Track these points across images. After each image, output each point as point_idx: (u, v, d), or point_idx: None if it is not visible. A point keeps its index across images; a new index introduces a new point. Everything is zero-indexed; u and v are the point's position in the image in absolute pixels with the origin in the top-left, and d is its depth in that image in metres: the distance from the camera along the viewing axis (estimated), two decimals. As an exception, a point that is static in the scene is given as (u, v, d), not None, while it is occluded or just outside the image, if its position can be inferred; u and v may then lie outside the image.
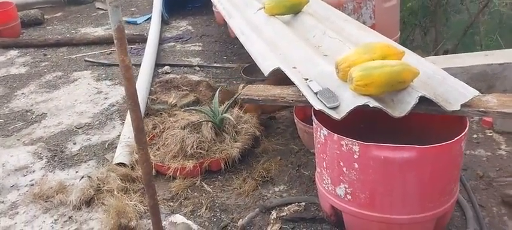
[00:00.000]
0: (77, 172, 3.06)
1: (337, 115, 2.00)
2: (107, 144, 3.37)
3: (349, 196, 2.09)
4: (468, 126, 2.03)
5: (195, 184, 2.79)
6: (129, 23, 6.77)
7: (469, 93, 2.07)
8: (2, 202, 2.81)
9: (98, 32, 6.36)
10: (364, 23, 3.80)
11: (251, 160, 3.01)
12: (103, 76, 4.72)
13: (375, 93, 2.00)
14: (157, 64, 4.81)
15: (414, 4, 7.13)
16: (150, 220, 2.13)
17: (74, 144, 3.43)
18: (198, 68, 4.77)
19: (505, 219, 2.35)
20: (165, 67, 4.77)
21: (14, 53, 5.69)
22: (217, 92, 3.28)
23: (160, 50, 5.39)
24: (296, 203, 2.52)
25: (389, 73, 1.97)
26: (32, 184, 2.95)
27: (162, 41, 5.73)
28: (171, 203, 2.64)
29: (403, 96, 2.02)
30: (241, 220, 2.46)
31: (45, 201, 2.75)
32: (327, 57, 2.65)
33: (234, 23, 3.85)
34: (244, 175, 2.84)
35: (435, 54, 6.00)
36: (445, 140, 1.92)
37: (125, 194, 2.67)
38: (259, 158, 3.02)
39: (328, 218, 2.33)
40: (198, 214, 2.55)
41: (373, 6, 4.04)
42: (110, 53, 5.43)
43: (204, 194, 2.72)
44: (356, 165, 1.99)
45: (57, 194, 2.77)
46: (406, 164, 1.92)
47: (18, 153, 3.34)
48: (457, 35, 6.89)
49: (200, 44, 5.63)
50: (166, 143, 2.97)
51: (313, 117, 2.17)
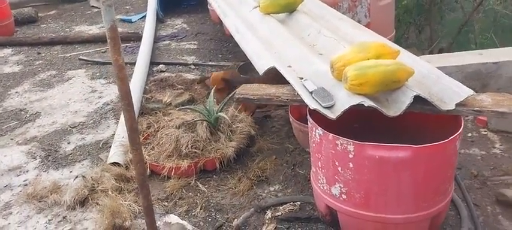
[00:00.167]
0: (71, 171, 3.04)
1: (332, 114, 1.99)
2: (101, 143, 3.35)
3: (344, 196, 2.08)
4: (463, 125, 2.03)
5: (190, 183, 2.78)
6: (123, 21, 6.74)
7: (464, 92, 2.08)
8: (-4, 203, 2.79)
9: (93, 30, 6.33)
10: (359, 21, 3.80)
11: (246, 159, 3.00)
12: (97, 74, 4.70)
13: (370, 92, 2.00)
14: (152, 63, 4.79)
15: (409, 2, 7.13)
16: (144, 220, 2.11)
17: (68, 143, 3.41)
18: (193, 66, 4.75)
19: (499, 218, 2.35)
20: (160, 65, 4.76)
21: (7, 51, 5.66)
22: (212, 91, 3.27)
23: (155, 48, 5.37)
24: (291, 203, 2.52)
25: (383, 72, 1.97)
26: (26, 184, 2.93)
27: (157, 39, 5.71)
28: (166, 203, 2.63)
29: (398, 95, 2.02)
30: (236, 219, 2.45)
31: (39, 201, 2.73)
32: (322, 55, 2.64)
33: (229, 22, 3.84)
34: (239, 174, 2.84)
35: (430, 52, 6.01)
36: (440, 139, 1.92)
37: (119, 194, 2.66)
38: (255, 157, 3.01)
39: (323, 217, 2.33)
40: (193, 214, 2.54)
41: (368, 5, 4.04)
42: (105, 51, 5.40)
43: (198, 194, 2.71)
44: (351, 165, 1.98)
45: (51, 194, 2.76)
46: (400, 164, 1.91)
47: (12, 152, 3.31)
48: (451, 33, 6.91)
49: (195, 42, 5.61)
50: (161, 142, 2.96)
51: (308, 116, 2.16)
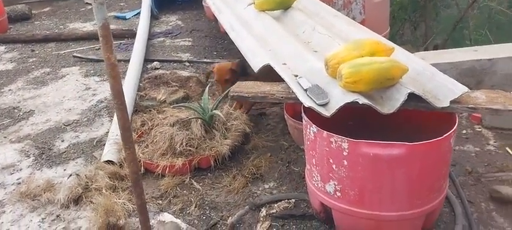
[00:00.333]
0: (65, 170, 3.02)
1: (327, 112, 1.99)
2: (95, 141, 3.33)
3: (338, 193, 2.08)
4: (457, 122, 2.03)
5: (185, 181, 2.77)
6: (118, 18, 6.71)
7: (458, 89, 2.08)
8: (-11, 201, 2.77)
9: (87, 27, 6.29)
10: (354, 18, 3.79)
11: (241, 157, 2.99)
12: (91, 72, 4.67)
13: (364, 89, 2.00)
14: (147, 60, 4.77)
15: (404, -1, 7.15)
16: (138, 218, 2.10)
17: (62, 141, 3.39)
18: (187, 64, 4.73)
19: (493, 214, 2.36)
20: (154, 62, 4.74)
21: (1, 48, 5.62)
22: (207, 88, 3.25)
23: (150, 45, 5.35)
24: (286, 200, 2.52)
25: (377, 70, 1.97)
26: (19, 183, 2.91)
27: (151, 36, 5.69)
28: (160, 202, 2.62)
29: (392, 92, 2.02)
30: (230, 217, 2.44)
31: (33, 200, 2.71)
32: (316, 53, 2.64)
33: (223, 19, 3.82)
34: (234, 172, 2.83)
35: (425, 49, 6.02)
36: (435, 136, 1.92)
37: (113, 192, 2.65)
38: (249, 155, 3.00)
39: (317, 215, 2.33)
40: (187, 212, 2.53)
41: (363, 2, 4.04)
42: (99, 48, 5.37)
43: (193, 192, 2.70)
44: (345, 162, 1.98)
45: (44, 192, 2.74)
46: (395, 161, 1.91)
47: (5, 150, 3.29)
48: (446, 29, 6.92)
49: (190, 39, 5.59)
50: (155, 140, 2.95)
51: (303, 113, 2.15)
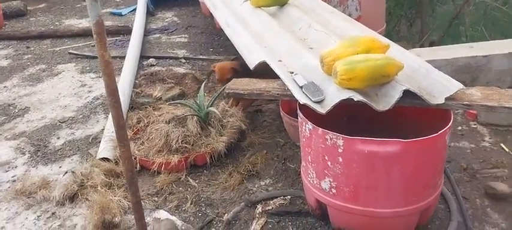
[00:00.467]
0: (60, 167, 3.02)
1: (322, 109, 1.99)
2: (91, 138, 3.32)
3: (333, 190, 2.09)
4: (452, 119, 2.04)
5: (180, 179, 2.76)
6: (113, 14, 6.69)
7: (453, 86, 2.08)
8: (-16, 199, 2.76)
9: (83, 24, 6.27)
10: (350, 14, 3.80)
11: (237, 154, 2.99)
12: (87, 68, 4.66)
13: (359, 87, 2.00)
14: (142, 57, 4.75)
15: (400, -5, 7.14)
16: (134, 216, 2.10)
17: (58, 138, 3.38)
18: (183, 60, 4.72)
19: (487, 211, 2.37)
20: (150, 59, 4.72)
21: (-4, 45, 5.60)
22: (203, 85, 3.25)
23: (146, 41, 5.33)
24: (282, 197, 2.52)
25: (373, 67, 1.97)
26: (14, 180, 2.90)
27: (147, 32, 5.67)
28: (156, 199, 2.62)
29: (387, 89, 2.02)
30: (226, 214, 2.44)
31: (28, 197, 2.70)
32: (312, 50, 2.64)
33: (219, 15, 3.82)
34: (230, 169, 2.82)
35: (421, 45, 6.02)
36: (430, 133, 1.92)
37: (109, 189, 2.64)
38: (245, 152, 3.00)
39: (313, 211, 2.33)
40: (183, 209, 2.53)
41: (359, -2, 4.04)
42: (95, 45, 5.34)
43: (189, 189, 2.70)
44: (340, 159, 1.98)
45: (40, 190, 2.72)
46: (390, 158, 1.91)
47: (0, 148, 3.27)
48: (442, 26, 6.91)
49: (186, 36, 5.58)
50: (151, 137, 2.94)
51: (299, 110, 2.16)
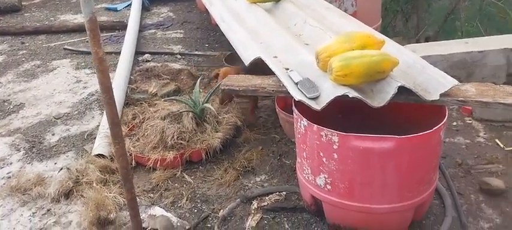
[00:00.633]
0: (55, 163, 3.01)
1: (317, 105, 1.99)
2: (86, 134, 3.31)
3: (328, 186, 2.09)
4: (447, 115, 2.04)
5: (176, 175, 2.76)
6: (109, 9, 6.65)
7: (448, 82, 2.08)
8: (-22, 196, 2.75)
9: (78, 19, 6.23)
10: (345, 10, 3.78)
11: (233, 150, 2.99)
12: (82, 64, 4.64)
13: (355, 83, 2.00)
14: (138, 52, 4.74)
15: (396, -10, 7.11)
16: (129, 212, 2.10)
17: (53, 134, 3.37)
18: (179, 56, 4.71)
19: (482, 206, 2.38)
20: (146, 55, 4.71)
21: (-10, 41, 5.56)
22: (198, 81, 3.24)
23: (141, 37, 5.31)
24: (277, 193, 2.52)
25: (368, 63, 1.96)
26: (9, 177, 2.89)
27: (142, 28, 5.65)
28: (151, 195, 2.61)
29: (383, 86, 2.02)
30: (222, 210, 2.45)
31: (23, 194, 2.70)
32: (307, 46, 2.63)
33: (214, 10, 3.81)
34: (225, 165, 2.83)
35: (417, 41, 6.02)
36: (425, 129, 1.92)
37: (104, 186, 2.64)
38: (241, 148, 3.00)
39: (308, 207, 2.33)
40: (179, 205, 2.53)
41: (354, -6, 4.02)
42: (90, 40, 5.32)
43: (184, 185, 2.70)
44: (335, 155, 1.98)
45: (35, 186, 2.72)
46: (385, 154, 1.92)
47: (-5, 144, 3.27)
48: (438, 21, 6.90)
49: (181, 31, 5.56)
50: (146, 134, 2.93)
51: (294, 107, 2.15)
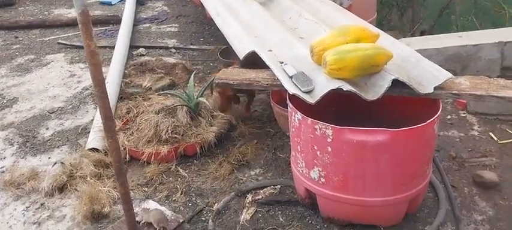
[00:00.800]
0: (49, 158, 3.00)
1: (311, 99, 1.99)
2: (80, 128, 3.30)
3: (322, 179, 2.09)
4: (441, 108, 2.04)
5: (170, 169, 2.76)
6: (103, 3, 6.61)
7: (443, 75, 2.09)
8: (-28, 190, 2.74)
9: (72, 14, 6.18)
10: (341, 4, 3.77)
11: (227, 143, 2.98)
12: (76, 59, 4.61)
13: (349, 76, 2.00)
14: (132, 46, 4.71)
15: (391, -16, 7.11)
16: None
17: (47, 129, 3.36)
18: (173, 50, 4.69)
19: (475, 199, 2.39)
20: (140, 49, 4.69)
21: (-17, 35, 5.52)
22: (192, 75, 3.23)
23: (135, 31, 5.29)
24: (271, 187, 2.53)
25: (362, 57, 1.97)
26: (3, 171, 2.87)
27: (137, 21, 5.62)
28: (146, 189, 2.61)
29: (377, 79, 2.02)
30: (216, 204, 2.45)
31: (17, 188, 2.68)
32: (302, 39, 2.63)
33: (209, 4, 3.80)
34: (220, 159, 2.82)
35: (412, 35, 6.02)
36: (419, 122, 1.93)
37: (98, 180, 2.64)
38: (236, 142, 3.00)
39: (302, 201, 2.34)
40: (173, 199, 2.52)
41: (349, -13, 4.01)
42: (84, 34, 5.29)
43: (179, 179, 2.69)
44: (329, 149, 1.99)
45: (28, 181, 2.71)
46: (379, 147, 1.92)
47: (-12, 139, 3.25)
48: (433, 15, 6.91)
49: (176, 25, 5.54)
50: (141, 128, 2.92)
51: (288, 100, 2.15)
